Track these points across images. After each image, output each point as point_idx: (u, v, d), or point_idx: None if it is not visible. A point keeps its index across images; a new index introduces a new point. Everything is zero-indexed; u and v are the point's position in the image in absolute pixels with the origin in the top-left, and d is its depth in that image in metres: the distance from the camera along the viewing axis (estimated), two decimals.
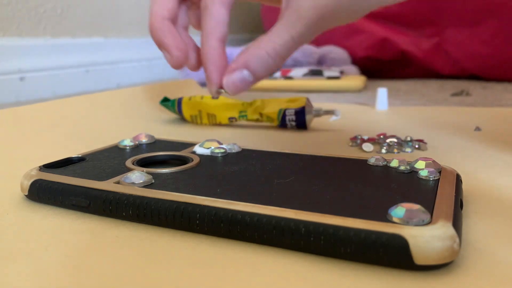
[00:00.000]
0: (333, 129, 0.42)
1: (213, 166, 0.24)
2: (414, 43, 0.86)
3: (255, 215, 0.18)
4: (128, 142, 0.29)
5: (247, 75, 0.25)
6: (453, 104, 0.57)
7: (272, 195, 0.19)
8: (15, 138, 0.38)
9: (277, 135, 0.40)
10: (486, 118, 0.45)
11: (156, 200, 0.20)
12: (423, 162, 0.22)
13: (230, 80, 0.25)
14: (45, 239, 0.19)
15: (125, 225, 0.20)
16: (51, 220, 0.21)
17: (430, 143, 0.35)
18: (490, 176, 0.26)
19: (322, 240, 0.16)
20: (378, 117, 0.48)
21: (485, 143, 0.35)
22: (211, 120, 0.45)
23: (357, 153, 0.33)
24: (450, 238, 0.15)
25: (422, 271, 0.16)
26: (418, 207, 0.16)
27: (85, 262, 0.17)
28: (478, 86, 0.74)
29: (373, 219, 0.16)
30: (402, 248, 0.15)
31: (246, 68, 0.24)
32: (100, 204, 0.21)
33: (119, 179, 0.22)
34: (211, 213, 0.18)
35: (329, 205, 0.18)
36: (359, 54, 0.90)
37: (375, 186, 0.20)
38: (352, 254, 0.16)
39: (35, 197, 0.23)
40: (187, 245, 0.18)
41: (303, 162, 0.25)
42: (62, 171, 0.24)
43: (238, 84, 0.25)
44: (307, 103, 0.41)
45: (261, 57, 0.24)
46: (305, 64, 0.88)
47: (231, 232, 0.18)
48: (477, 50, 0.80)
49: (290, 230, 0.17)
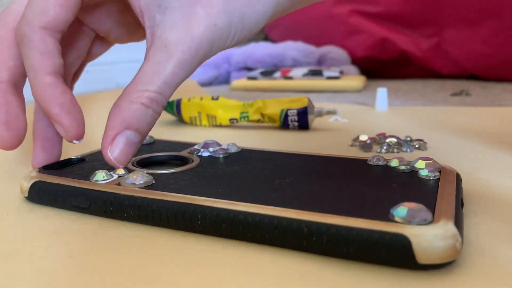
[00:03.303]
0: (333, 129, 0.42)
1: (214, 167, 0.24)
2: (414, 43, 0.86)
3: (257, 215, 0.17)
4: None
5: (132, 135, 0.21)
6: (453, 104, 0.57)
7: (273, 195, 0.19)
8: None
9: (278, 135, 0.40)
10: (486, 118, 0.45)
11: (157, 201, 0.20)
12: (423, 161, 0.22)
13: (116, 150, 0.21)
14: (45, 240, 0.19)
15: (125, 226, 0.20)
16: (51, 220, 0.21)
17: (430, 143, 0.35)
18: (490, 176, 0.26)
19: (324, 240, 0.16)
20: (378, 117, 0.48)
21: (485, 143, 0.34)
22: (211, 122, 0.45)
23: (357, 153, 0.33)
24: (452, 237, 0.15)
25: (424, 270, 0.16)
26: (420, 206, 0.16)
27: (86, 263, 0.17)
28: (478, 86, 0.74)
29: (375, 219, 0.16)
30: (404, 247, 0.15)
31: (127, 128, 0.21)
32: (100, 205, 0.21)
33: (119, 180, 0.22)
34: (213, 214, 0.18)
35: (330, 205, 0.18)
36: (359, 54, 0.90)
37: (376, 186, 0.20)
38: (355, 253, 0.16)
39: (35, 198, 0.23)
40: (188, 246, 0.18)
41: (303, 162, 0.25)
42: (62, 172, 0.24)
43: (126, 150, 0.21)
44: (309, 103, 0.41)
45: (139, 111, 0.21)
46: (305, 64, 0.88)
47: (233, 232, 0.18)
48: (477, 50, 0.80)
49: (292, 230, 0.17)
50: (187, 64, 0.21)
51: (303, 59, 0.88)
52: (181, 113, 0.46)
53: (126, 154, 0.21)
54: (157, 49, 0.21)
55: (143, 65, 0.21)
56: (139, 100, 0.21)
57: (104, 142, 0.21)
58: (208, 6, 0.21)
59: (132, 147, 0.21)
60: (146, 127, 0.22)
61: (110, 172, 0.22)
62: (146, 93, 0.21)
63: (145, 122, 0.21)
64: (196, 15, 0.21)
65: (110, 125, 0.21)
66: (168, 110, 0.47)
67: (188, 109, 0.45)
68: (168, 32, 0.21)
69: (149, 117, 0.21)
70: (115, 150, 0.21)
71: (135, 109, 0.21)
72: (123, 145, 0.21)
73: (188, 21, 0.21)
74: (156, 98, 0.21)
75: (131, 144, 0.21)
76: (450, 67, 0.84)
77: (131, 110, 0.21)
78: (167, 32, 0.21)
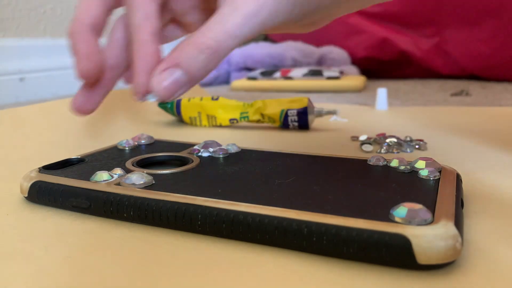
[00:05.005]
0: (333, 129, 0.42)
1: (214, 167, 0.24)
2: (414, 43, 0.86)
3: (257, 215, 0.17)
4: (128, 143, 0.29)
5: (179, 75, 0.21)
6: (453, 104, 0.57)
7: (273, 195, 0.19)
8: (15, 138, 0.38)
9: (278, 135, 0.40)
10: (486, 118, 0.45)
11: (157, 201, 0.20)
12: (423, 161, 0.22)
13: (160, 82, 0.21)
14: (45, 240, 0.19)
15: (125, 226, 0.20)
16: (51, 220, 0.21)
17: (430, 143, 0.35)
18: (490, 176, 0.26)
19: (324, 240, 0.16)
20: (378, 117, 0.48)
21: (485, 143, 0.34)
22: (211, 122, 0.45)
23: (357, 153, 0.33)
24: (452, 237, 0.15)
25: (424, 271, 0.16)
26: (420, 206, 0.16)
27: (85, 263, 0.17)
28: (478, 86, 0.74)
29: (375, 219, 0.16)
30: (405, 247, 0.15)
31: (177, 67, 0.21)
32: (100, 205, 0.21)
33: (119, 180, 0.22)
34: (213, 214, 0.18)
35: (330, 205, 0.18)
36: (359, 54, 0.90)
37: (376, 186, 0.20)
38: (355, 254, 0.16)
39: (35, 198, 0.23)
40: (188, 246, 0.18)
41: (303, 162, 0.24)
42: (61, 172, 0.24)
43: (170, 87, 0.21)
44: (309, 103, 0.41)
45: (194, 54, 0.21)
46: (305, 64, 0.88)
47: (233, 232, 0.18)
48: (477, 50, 0.80)
49: (293, 231, 0.17)
50: (250, 18, 0.21)
51: (303, 59, 0.88)
52: (181, 113, 0.46)
53: (169, 90, 0.21)
54: (224, 5, 0.21)
55: (212, 16, 0.22)
56: (196, 44, 0.21)
57: (154, 72, 0.22)
58: None
59: (177, 85, 0.21)
60: (195, 71, 0.21)
61: (110, 173, 0.22)
62: (204, 39, 0.21)
63: (195, 65, 0.21)
64: None
65: (165, 59, 0.22)
66: (168, 110, 0.47)
67: (188, 109, 0.45)
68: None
69: (200, 62, 0.21)
70: (160, 82, 0.21)
71: (189, 51, 0.21)
72: (169, 80, 0.21)
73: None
74: (213, 45, 0.21)
75: (177, 82, 0.21)
76: (450, 67, 0.84)
77: (185, 51, 0.21)
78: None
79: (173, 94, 0.22)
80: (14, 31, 0.70)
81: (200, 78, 0.22)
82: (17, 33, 0.70)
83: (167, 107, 0.47)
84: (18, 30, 0.71)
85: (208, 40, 0.21)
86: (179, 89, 0.22)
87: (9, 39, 0.69)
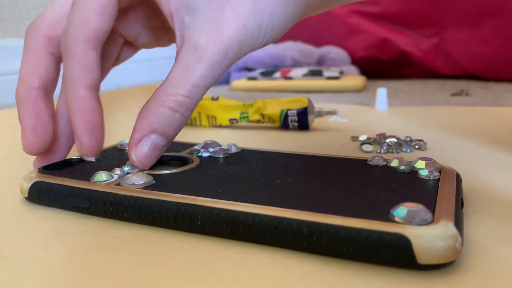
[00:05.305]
0: (333, 129, 0.42)
1: (214, 167, 0.24)
2: (414, 43, 0.86)
3: (257, 215, 0.17)
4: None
5: (158, 139, 0.21)
6: (453, 104, 0.57)
7: (273, 195, 0.19)
8: (15, 138, 0.38)
9: (278, 135, 0.40)
10: (486, 118, 0.45)
11: (157, 201, 0.20)
12: (423, 161, 0.22)
13: (140, 153, 0.21)
14: (46, 240, 0.19)
15: (125, 226, 0.20)
16: (51, 221, 0.21)
17: (429, 143, 0.35)
18: (490, 176, 0.26)
19: (324, 240, 0.16)
20: (377, 117, 0.48)
21: (485, 143, 0.34)
22: (211, 122, 0.45)
23: (357, 153, 0.33)
24: (452, 237, 0.15)
25: (424, 271, 0.16)
26: (420, 206, 0.16)
27: (86, 263, 0.17)
28: (478, 86, 0.74)
29: (375, 219, 0.16)
30: (405, 247, 0.15)
31: (153, 132, 0.21)
32: (100, 205, 0.21)
33: (119, 181, 0.22)
34: (213, 214, 0.18)
35: (330, 205, 0.18)
36: (358, 54, 0.90)
37: (376, 186, 0.20)
38: (355, 253, 0.16)
39: (35, 199, 0.23)
40: (189, 246, 0.18)
41: (303, 162, 0.24)
42: (61, 172, 0.24)
43: (150, 154, 0.21)
44: (309, 103, 0.41)
45: (166, 115, 0.21)
46: (304, 65, 0.88)
47: (233, 233, 0.18)
48: (477, 50, 0.80)
49: (292, 231, 0.17)
50: (217, 66, 0.21)
51: (303, 59, 0.88)
52: None
53: (151, 158, 0.22)
54: (187, 52, 0.21)
55: (173, 67, 0.21)
56: (167, 104, 0.21)
57: (131, 143, 0.22)
58: (237, 7, 0.21)
59: (156, 151, 0.22)
60: (172, 132, 0.21)
61: (110, 173, 0.22)
62: (175, 97, 0.21)
63: (171, 127, 0.21)
64: (226, 17, 0.20)
65: (137, 127, 0.21)
66: None
67: None
68: (198, 35, 0.20)
69: (176, 121, 0.21)
70: (140, 153, 0.21)
71: (162, 113, 0.21)
72: (148, 148, 0.21)
73: (218, 22, 0.20)
74: (185, 102, 0.21)
75: (156, 148, 0.21)
76: (450, 67, 0.84)
77: (159, 114, 0.21)
78: (197, 34, 0.20)
79: (155, 160, 0.22)
80: (14, 31, 0.70)
81: (176, 136, 0.22)
82: (17, 33, 0.70)
83: None
84: (18, 30, 0.71)
85: (180, 98, 0.21)
86: (159, 153, 0.22)
87: (9, 39, 0.69)
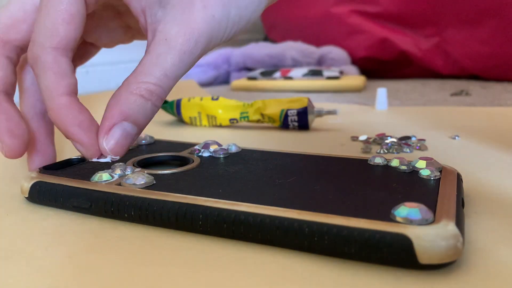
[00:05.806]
0: (333, 129, 0.42)
1: (214, 167, 0.24)
2: (414, 43, 0.86)
3: (258, 215, 0.17)
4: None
5: (129, 127, 0.21)
6: (453, 104, 0.57)
7: (274, 195, 0.19)
8: None
9: (278, 135, 0.40)
10: (486, 118, 0.45)
11: (158, 201, 0.20)
12: (423, 161, 0.22)
13: (112, 141, 0.21)
14: (46, 240, 0.19)
15: (126, 226, 0.20)
16: (52, 221, 0.21)
17: (430, 143, 0.35)
18: (490, 176, 0.26)
19: (326, 240, 0.16)
20: (377, 117, 0.48)
21: (485, 143, 0.34)
22: (211, 122, 0.45)
23: (357, 153, 0.33)
24: (453, 237, 0.15)
25: (425, 270, 0.16)
26: (421, 206, 0.16)
27: (86, 263, 0.17)
28: (478, 86, 0.74)
29: (376, 219, 0.16)
30: (406, 247, 0.15)
31: (124, 120, 0.21)
32: (101, 205, 0.21)
33: (120, 181, 0.22)
34: (214, 214, 0.18)
35: (332, 205, 0.18)
36: (358, 54, 0.90)
37: (377, 186, 0.20)
38: (356, 253, 0.16)
39: (35, 199, 0.23)
40: (189, 246, 0.18)
41: (304, 162, 0.24)
42: (62, 172, 0.24)
43: (122, 142, 0.21)
44: (309, 103, 0.41)
45: (138, 103, 0.20)
46: (304, 64, 0.88)
47: (234, 232, 0.18)
48: (477, 50, 0.80)
49: (294, 231, 0.17)
50: (187, 56, 0.21)
51: (303, 59, 0.88)
52: (181, 113, 0.46)
53: (122, 146, 0.21)
54: (158, 43, 0.21)
55: (143, 57, 0.21)
56: (138, 92, 0.20)
57: (100, 131, 0.21)
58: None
59: (128, 139, 0.21)
60: (143, 120, 0.21)
61: (111, 173, 0.22)
62: (146, 85, 0.20)
63: (143, 115, 0.21)
64: (195, 8, 0.21)
65: (108, 115, 0.21)
66: (168, 110, 0.47)
67: (188, 109, 0.45)
68: (169, 26, 0.21)
69: (147, 110, 0.21)
70: (110, 140, 0.21)
71: (133, 101, 0.20)
72: (119, 136, 0.21)
73: (187, 14, 0.21)
74: (156, 90, 0.21)
75: (127, 136, 0.21)
76: (450, 67, 0.84)
77: (130, 102, 0.20)
78: (168, 26, 0.21)
79: (126, 148, 0.21)
80: None
81: (146, 126, 0.22)
82: None
83: (168, 107, 0.47)
84: None
85: (151, 86, 0.20)
86: (131, 142, 0.21)
87: None
